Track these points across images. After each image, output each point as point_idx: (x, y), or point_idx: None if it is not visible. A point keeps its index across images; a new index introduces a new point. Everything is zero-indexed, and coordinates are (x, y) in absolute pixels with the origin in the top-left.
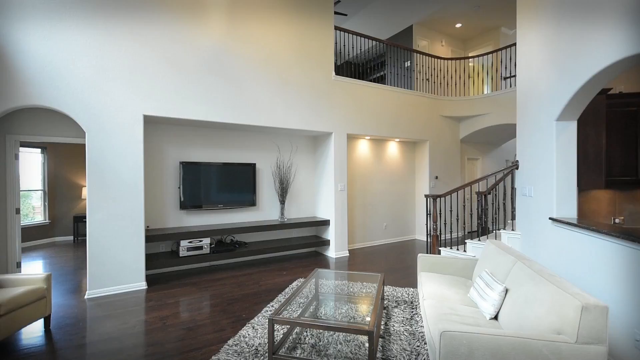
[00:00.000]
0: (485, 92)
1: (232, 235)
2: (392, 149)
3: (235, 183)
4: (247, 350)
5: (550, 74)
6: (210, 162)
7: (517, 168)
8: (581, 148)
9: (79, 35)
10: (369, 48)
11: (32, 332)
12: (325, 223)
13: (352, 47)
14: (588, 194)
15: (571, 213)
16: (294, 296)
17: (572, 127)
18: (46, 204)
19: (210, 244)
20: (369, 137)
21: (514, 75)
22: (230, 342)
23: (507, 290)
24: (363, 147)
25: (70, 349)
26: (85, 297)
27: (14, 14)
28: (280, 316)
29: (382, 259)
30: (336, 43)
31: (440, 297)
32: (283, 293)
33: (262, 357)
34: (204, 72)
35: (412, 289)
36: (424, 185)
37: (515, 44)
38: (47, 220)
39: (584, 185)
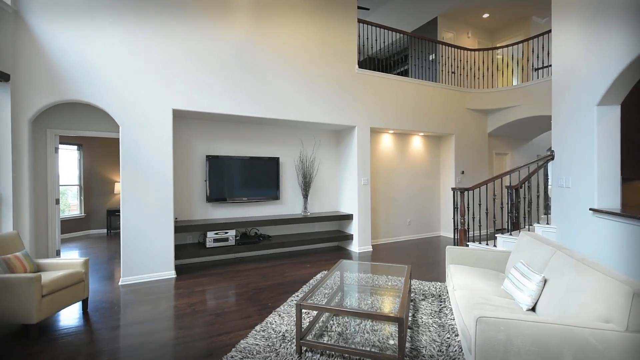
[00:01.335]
0: (514, 83)
1: (256, 228)
2: (416, 143)
3: (259, 177)
4: (275, 335)
5: (590, 56)
6: (235, 156)
7: (552, 159)
8: (625, 134)
9: (113, 32)
10: (392, 42)
11: (72, 314)
12: (349, 217)
13: (376, 40)
14: (633, 184)
15: (614, 203)
16: (320, 284)
17: (614, 112)
18: (82, 198)
19: (235, 236)
20: (392, 131)
21: (548, 66)
22: (257, 328)
23: (545, 281)
24: (386, 141)
25: (107, 329)
26: (119, 283)
27: (53, 12)
28: (308, 302)
29: (406, 254)
30: (359, 36)
31: (472, 288)
32: (307, 284)
33: (289, 343)
34: (230, 67)
35: (439, 283)
36: (450, 181)
37: (548, 32)
38: (82, 214)
39: (628, 174)
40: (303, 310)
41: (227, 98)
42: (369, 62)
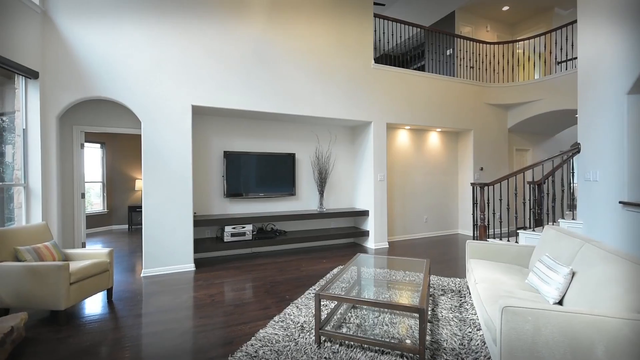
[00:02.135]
0: (536, 77)
1: (273, 223)
2: (434, 139)
3: (275, 173)
4: (293, 326)
5: (619, 43)
6: (252, 152)
7: (578, 152)
8: None
9: (135, 31)
10: (408, 38)
11: (97, 302)
12: (365, 214)
13: (392, 35)
14: None
15: None
16: (338, 276)
17: None
18: (104, 194)
19: (252, 231)
20: (408, 127)
21: (572, 58)
22: (276, 318)
23: (573, 274)
24: (403, 137)
25: (131, 317)
26: (141, 275)
27: (79, 12)
28: (327, 292)
29: (423, 251)
30: (375, 31)
31: (495, 281)
32: (324, 278)
33: (308, 333)
34: (247, 64)
35: (458, 279)
36: (468, 178)
37: (573, 22)
38: (105, 210)
39: None
40: (321, 303)
41: (245, 94)
42: (384, 58)
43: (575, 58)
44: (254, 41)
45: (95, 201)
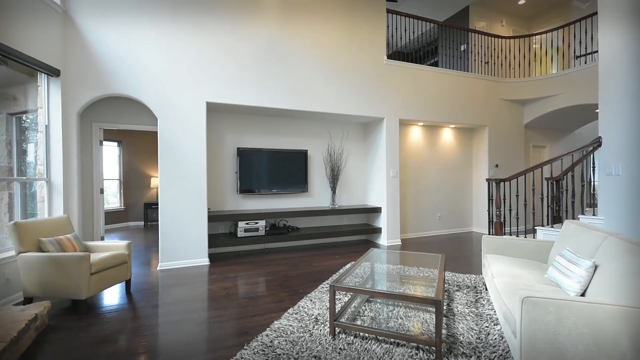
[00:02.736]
0: (553, 72)
1: (285, 219)
2: (447, 135)
3: (288, 169)
4: (307, 318)
5: None
6: (264, 149)
7: (599, 145)
8: None
9: (152, 30)
10: (422, 34)
11: (116, 293)
12: (377, 210)
13: (405, 31)
14: None
15: None
16: (352, 269)
17: None
18: (121, 192)
19: (265, 227)
20: (422, 123)
21: (592, 52)
22: (290, 310)
23: (596, 267)
24: (416, 134)
25: (149, 307)
26: (158, 268)
27: (99, 11)
28: (341, 284)
29: (437, 248)
30: (387, 27)
31: (513, 275)
32: (337, 273)
33: (322, 325)
34: (260, 61)
35: (473, 275)
36: (483, 175)
37: (593, 14)
38: (122, 207)
39: None
40: (335, 296)
41: (258, 91)
42: (397, 55)
43: (595, 51)
44: (267, 38)
45: (112, 199)
